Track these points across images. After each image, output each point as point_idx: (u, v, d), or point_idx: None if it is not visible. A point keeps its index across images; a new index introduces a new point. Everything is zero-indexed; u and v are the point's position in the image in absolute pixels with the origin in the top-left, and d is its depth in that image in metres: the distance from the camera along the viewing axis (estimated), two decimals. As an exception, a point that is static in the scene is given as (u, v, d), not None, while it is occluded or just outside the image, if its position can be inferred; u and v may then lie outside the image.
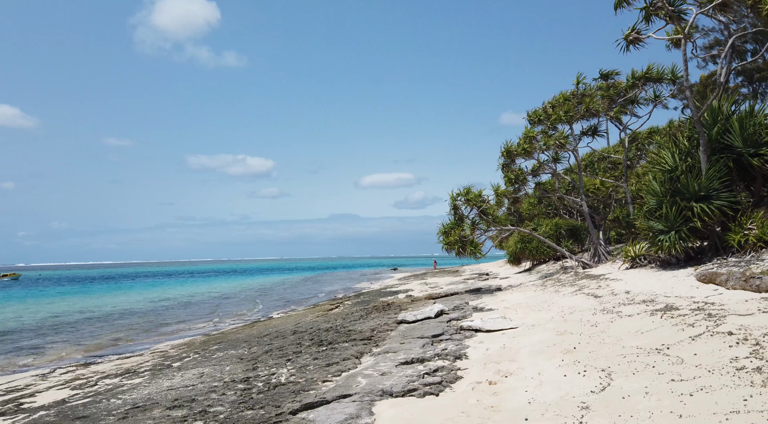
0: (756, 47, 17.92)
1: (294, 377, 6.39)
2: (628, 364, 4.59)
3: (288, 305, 23.88)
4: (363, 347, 8.03)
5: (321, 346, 8.89)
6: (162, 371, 8.60)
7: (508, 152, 18.26)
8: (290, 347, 9.15)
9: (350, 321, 12.46)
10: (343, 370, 6.47)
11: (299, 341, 9.95)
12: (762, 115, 10.26)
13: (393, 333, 9.52)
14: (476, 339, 7.91)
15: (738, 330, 4.57)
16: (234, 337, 12.76)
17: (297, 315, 17.43)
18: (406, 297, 18.75)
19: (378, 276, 50.66)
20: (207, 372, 7.72)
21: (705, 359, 4.07)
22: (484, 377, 5.29)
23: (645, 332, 5.57)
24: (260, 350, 9.44)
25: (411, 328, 9.82)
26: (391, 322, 11.08)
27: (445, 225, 17.80)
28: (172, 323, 18.37)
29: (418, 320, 10.66)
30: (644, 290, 8.77)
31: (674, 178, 10.94)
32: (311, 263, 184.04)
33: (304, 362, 7.34)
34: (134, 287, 47.81)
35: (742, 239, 9.57)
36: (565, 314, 8.58)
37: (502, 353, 6.46)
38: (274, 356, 8.34)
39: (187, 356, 10.14)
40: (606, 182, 20.71)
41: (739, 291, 6.49)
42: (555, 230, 24.36)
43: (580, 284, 12.57)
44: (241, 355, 9.15)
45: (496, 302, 13.07)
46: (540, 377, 4.91)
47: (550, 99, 18.42)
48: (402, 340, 8.43)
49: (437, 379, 5.41)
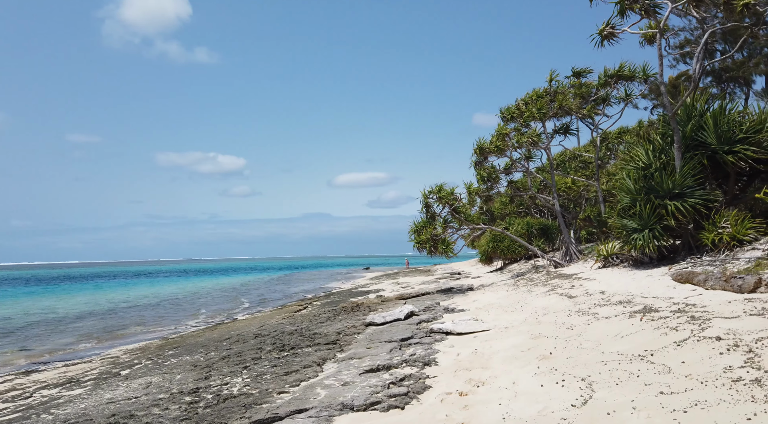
0: (725, 47, 18.07)
1: (248, 388, 5.81)
2: (609, 372, 4.20)
3: (255, 306, 23.12)
4: (327, 353, 7.49)
5: (282, 351, 8.32)
6: (107, 380, 7.89)
7: (480, 149, 17.96)
8: (250, 353, 8.55)
9: (316, 323, 11.90)
10: (302, 379, 5.93)
11: (260, 345, 9.35)
12: (736, 112, 10.14)
13: (360, 336, 9.01)
14: (447, 343, 7.47)
15: (726, 335, 4.23)
16: (193, 341, 12.05)
17: (263, 317, 16.76)
18: (376, 297, 18.27)
19: (350, 276, 50.07)
20: (155, 382, 7.06)
21: (695, 369, 3.70)
22: (454, 388, 4.84)
23: (625, 335, 5.21)
24: (217, 355, 8.80)
25: (379, 331, 9.33)
26: (359, 324, 10.57)
27: (416, 223, 17.39)
28: (131, 326, 17.44)
29: (387, 322, 10.19)
30: (619, 290, 8.49)
31: (648, 175, 10.75)
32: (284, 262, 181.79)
33: (262, 370, 6.77)
34: (98, 287, 46.01)
35: (716, 237, 9.41)
36: (539, 315, 8.23)
37: (473, 358, 6.03)
38: (230, 363, 7.73)
39: (139, 363, 9.42)
40: (577, 181, 20.66)
41: (719, 291, 6.22)
42: (527, 229, 24.28)
43: (552, 284, 12.30)
44: (196, 361, 8.50)
45: (467, 303, 12.71)
46: (515, 387, 4.48)
47: (523, 96, 18.20)
48: (369, 344, 7.94)
49: (403, 389, 4.93)
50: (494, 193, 20.32)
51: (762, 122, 9.69)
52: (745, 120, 10.02)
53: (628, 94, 18.55)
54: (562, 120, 19.47)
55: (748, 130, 9.78)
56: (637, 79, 17.90)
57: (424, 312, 11.31)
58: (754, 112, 10.21)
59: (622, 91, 18.45)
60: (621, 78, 17.75)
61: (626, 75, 17.61)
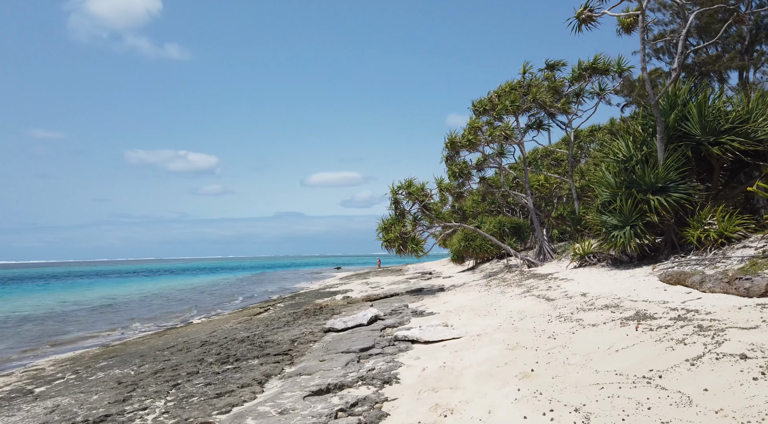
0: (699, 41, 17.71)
1: (165, 417, 4.75)
2: (610, 401, 3.32)
3: (215, 308, 21.80)
4: (273, 367, 6.46)
5: (225, 364, 7.25)
6: (12, 401, 6.67)
7: (452, 144, 17.13)
8: (188, 366, 7.44)
9: (273, 329, 10.83)
10: (235, 403, 4.89)
11: (203, 356, 8.24)
12: (721, 101, 9.52)
13: (316, 345, 8.00)
14: (412, 353, 6.55)
15: (752, 351, 3.41)
16: (134, 349, 10.82)
17: (219, 320, 15.56)
18: (342, 299, 17.27)
19: (320, 275, 48.84)
20: (64, 404, 5.91)
21: (726, 400, 2.84)
22: (416, 418, 3.90)
23: (620, 349, 4.37)
24: (151, 368, 7.66)
25: (338, 338, 8.34)
26: (317, 330, 9.56)
27: (385, 221, 16.45)
28: (73, 331, 15.97)
29: (348, 328, 9.21)
30: (602, 292, 7.71)
31: (629, 168, 10.06)
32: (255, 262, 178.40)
33: (192, 391, 5.69)
34: (51, 288, 43.54)
35: (701, 234, 8.75)
36: (515, 320, 7.38)
37: (442, 375, 5.11)
38: (160, 380, 6.61)
39: (62, 378, 8.18)
40: (551, 178, 20.06)
41: (720, 295, 5.45)
42: (499, 228, 23.68)
43: (527, 285, 11.53)
44: (124, 376, 7.34)
45: (437, 305, 11.84)
46: (491, 418, 3.56)
47: (495, 88, 17.45)
48: (324, 355, 6.94)
49: (354, 421, 3.96)
50: (466, 190, 19.53)
51: (749, 112, 9.08)
52: (730, 110, 9.41)
53: (602, 88, 18.06)
54: (537, 115, 18.87)
55: (735, 120, 9.16)
56: (612, 72, 17.42)
57: (390, 316, 10.37)
58: (739, 102, 9.62)
59: (596, 86, 17.97)
60: (596, 71, 17.22)
61: (601, 68, 17.08)
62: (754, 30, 16.64)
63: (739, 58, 16.44)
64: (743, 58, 16.48)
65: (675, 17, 17.10)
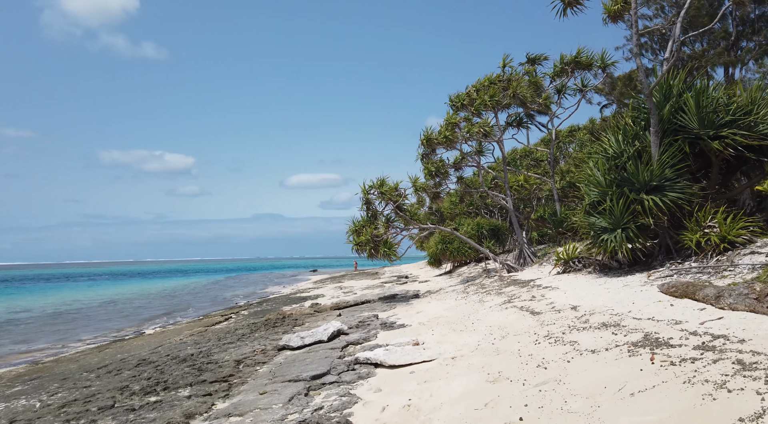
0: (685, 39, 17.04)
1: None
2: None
3: (175, 315, 20.31)
4: (202, 402, 5.25)
5: (149, 394, 6.00)
6: None
7: (428, 140, 16.08)
8: (105, 396, 6.17)
9: (224, 344, 9.58)
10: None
11: (130, 381, 6.96)
12: (721, 91, 8.65)
13: (264, 369, 6.81)
14: (374, 382, 5.42)
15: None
16: (63, 368, 9.45)
17: (173, 331, 14.18)
18: (310, 306, 16.06)
19: (295, 278, 47.36)
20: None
21: None
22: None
23: (637, 392, 3.31)
24: (61, 399, 6.36)
25: (292, 359, 7.16)
26: (271, 348, 8.35)
27: (356, 222, 15.31)
28: (7, 344, 14.39)
29: (305, 346, 8.03)
30: (595, 305, 6.70)
31: (620, 165, 9.12)
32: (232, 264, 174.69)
33: (88, 438, 4.45)
34: (7, 292, 41.12)
35: (701, 239, 7.84)
36: (496, 338, 6.32)
37: (405, 419, 3.99)
38: (61, 419, 5.34)
39: (-43, 410, 6.81)
40: (531, 178, 19.16)
41: (746, 314, 4.46)
42: (477, 230, 22.74)
43: (508, 293, 10.52)
44: (24, 410, 6.03)
45: (410, 315, 10.74)
46: None
47: (474, 82, 16.47)
48: (268, 384, 5.76)
49: None
50: (443, 190, 18.50)
51: (753, 102, 8.22)
52: (731, 101, 8.54)
53: (585, 84, 17.27)
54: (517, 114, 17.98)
55: (737, 111, 8.29)
56: (595, 67, 16.64)
57: (355, 330, 9.23)
58: (739, 93, 8.76)
59: (579, 82, 17.16)
60: (579, 65, 16.40)
61: (584, 62, 16.27)
62: (740, 27, 16.07)
63: (726, 54, 15.81)
64: (729, 55, 15.87)
65: (660, 11, 16.42)
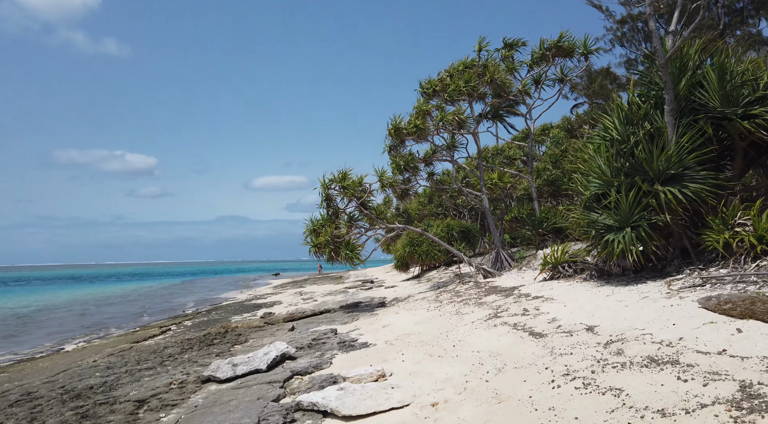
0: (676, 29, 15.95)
1: None
2: None
3: (109, 326, 17.91)
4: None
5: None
6: None
7: (396, 131, 14.38)
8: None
9: (140, 370, 7.59)
10: None
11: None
12: (748, 61, 7.26)
13: (169, 417, 4.91)
14: (319, 448, 3.63)
15: None
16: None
17: (95, 347, 11.98)
18: (262, 317, 14.09)
19: (254, 283, 44.86)
20: None
21: None
22: None
23: None
24: None
25: (213, 399, 5.29)
26: (193, 379, 6.43)
27: (314, 221, 13.47)
28: None
29: (237, 377, 6.15)
30: (618, 325, 5.09)
31: (627, 151, 7.62)
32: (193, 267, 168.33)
33: None
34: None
35: (731, 239, 6.39)
36: (490, 371, 4.64)
37: None
38: None
39: None
40: (505, 175, 17.72)
41: None
42: (447, 232, 21.17)
43: (491, 303, 8.90)
44: None
45: (375, 330, 8.99)
46: None
47: (447, 67, 14.90)
48: (164, 449, 3.90)
49: None
50: (412, 187, 16.84)
51: (788, 76, 6.86)
52: (759, 75, 7.16)
53: (565, 74, 15.99)
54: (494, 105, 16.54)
55: (766, 87, 6.92)
56: (577, 54, 15.36)
57: (306, 352, 7.40)
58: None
59: (559, 70, 15.87)
60: (560, 51, 15.07)
61: (566, 48, 14.95)
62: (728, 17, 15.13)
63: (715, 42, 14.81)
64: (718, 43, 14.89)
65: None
